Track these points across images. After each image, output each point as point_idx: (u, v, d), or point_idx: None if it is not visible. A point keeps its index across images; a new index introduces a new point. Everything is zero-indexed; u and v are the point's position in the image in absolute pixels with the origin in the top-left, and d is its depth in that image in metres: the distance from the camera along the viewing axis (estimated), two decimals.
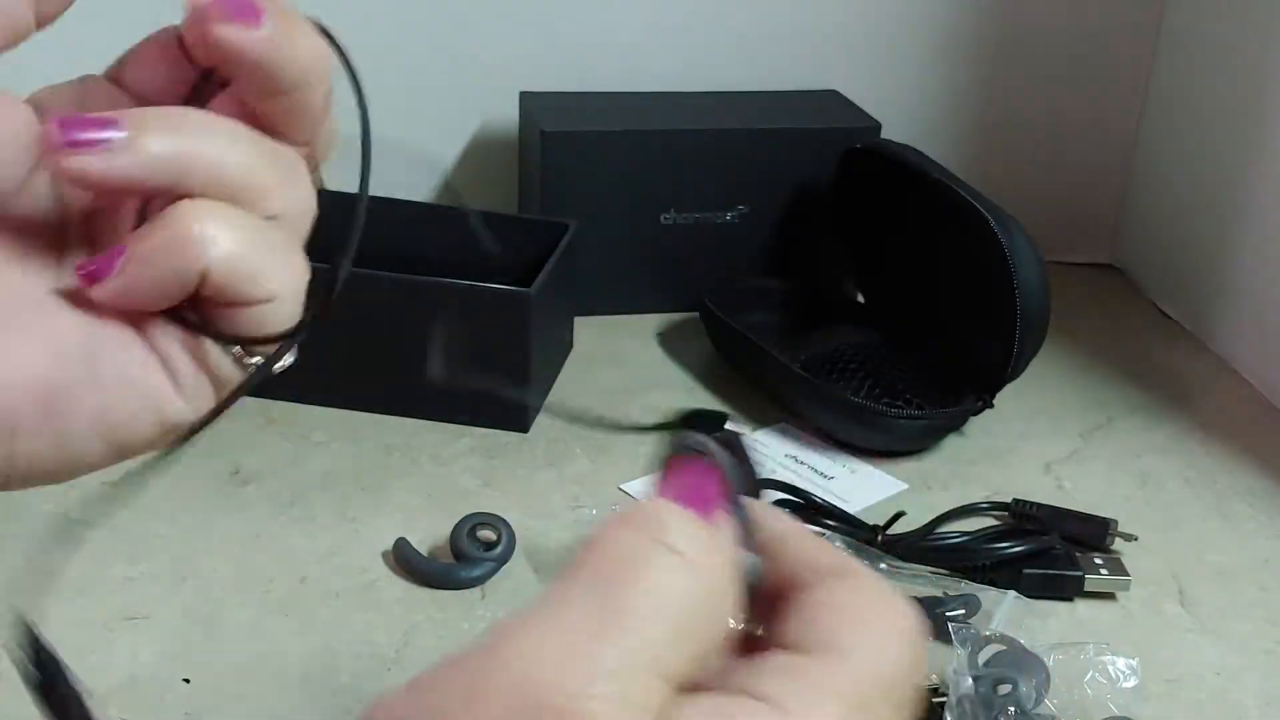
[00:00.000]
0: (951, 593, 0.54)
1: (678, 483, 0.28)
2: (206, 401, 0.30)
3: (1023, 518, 0.61)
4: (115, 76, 0.31)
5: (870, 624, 0.25)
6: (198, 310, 0.29)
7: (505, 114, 0.85)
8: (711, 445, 0.29)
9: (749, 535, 0.28)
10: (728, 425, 0.31)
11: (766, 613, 0.26)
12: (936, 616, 0.53)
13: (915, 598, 0.54)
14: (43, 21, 0.29)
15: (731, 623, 0.25)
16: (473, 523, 0.56)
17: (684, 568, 0.24)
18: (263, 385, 0.30)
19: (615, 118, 0.80)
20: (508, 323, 0.65)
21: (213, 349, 0.29)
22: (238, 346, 0.30)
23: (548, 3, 0.84)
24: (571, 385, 0.72)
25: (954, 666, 0.48)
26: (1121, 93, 0.91)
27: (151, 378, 0.29)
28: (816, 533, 0.56)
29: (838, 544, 0.55)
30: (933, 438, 0.68)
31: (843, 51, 0.88)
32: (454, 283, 0.64)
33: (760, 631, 0.26)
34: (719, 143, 0.79)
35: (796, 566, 0.27)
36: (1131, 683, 0.47)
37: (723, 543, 0.26)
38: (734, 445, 0.30)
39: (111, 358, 0.28)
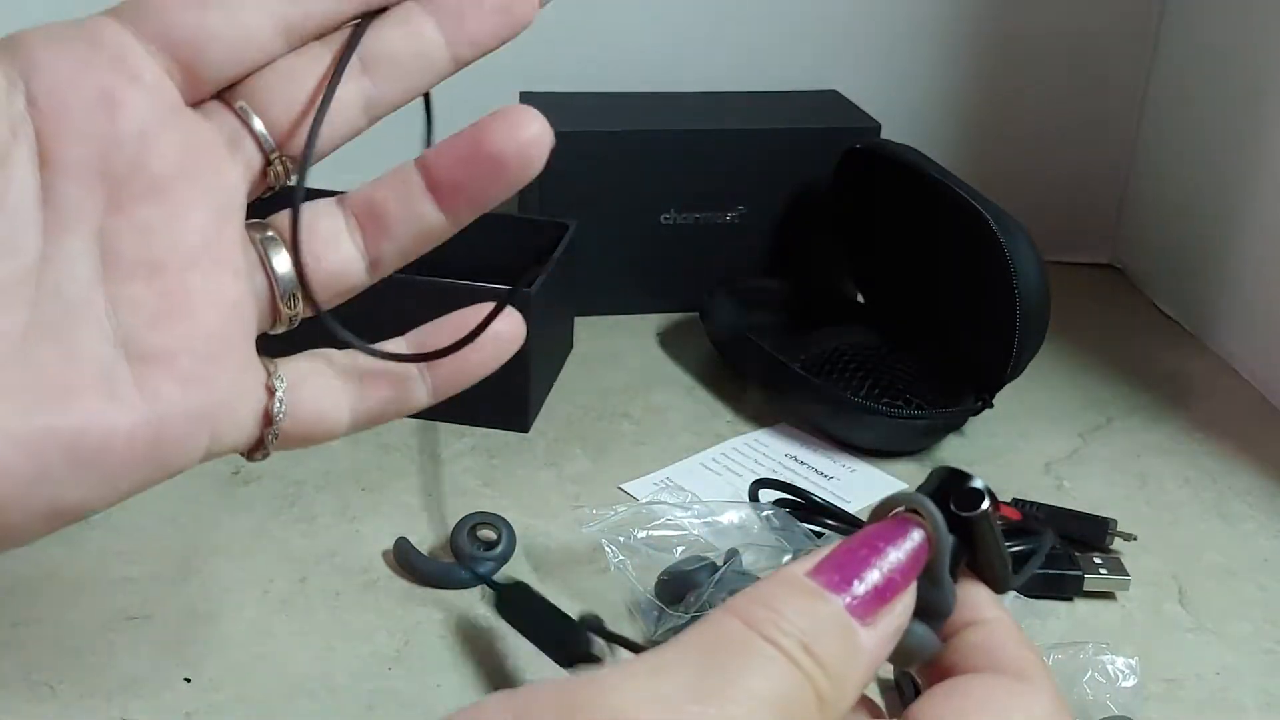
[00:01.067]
0: None
1: (858, 549, 0.26)
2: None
3: (1023, 517, 0.61)
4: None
5: None
6: None
7: None
8: (929, 507, 0.27)
9: (939, 615, 0.27)
10: (981, 496, 0.28)
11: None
12: None
13: None
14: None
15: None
16: (473, 522, 0.56)
17: (783, 663, 0.23)
18: None
19: (615, 118, 0.80)
20: None
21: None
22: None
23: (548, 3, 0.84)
24: (571, 385, 0.72)
25: None
26: (1121, 93, 0.91)
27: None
28: (815, 533, 0.56)
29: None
30: (933, 437, 0.68)
31: (843, 51, 0.88)
32: (454, 283, 0.64)
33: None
34: (719, 143, 0.79)
35: (976, 653, 0.27)
36: (1131, 682, 0.47)
37: (864, 635, 0.24)
38: (973, 518, 0.27)
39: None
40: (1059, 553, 0.57)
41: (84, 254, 0.28)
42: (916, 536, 0.26)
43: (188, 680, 0.48)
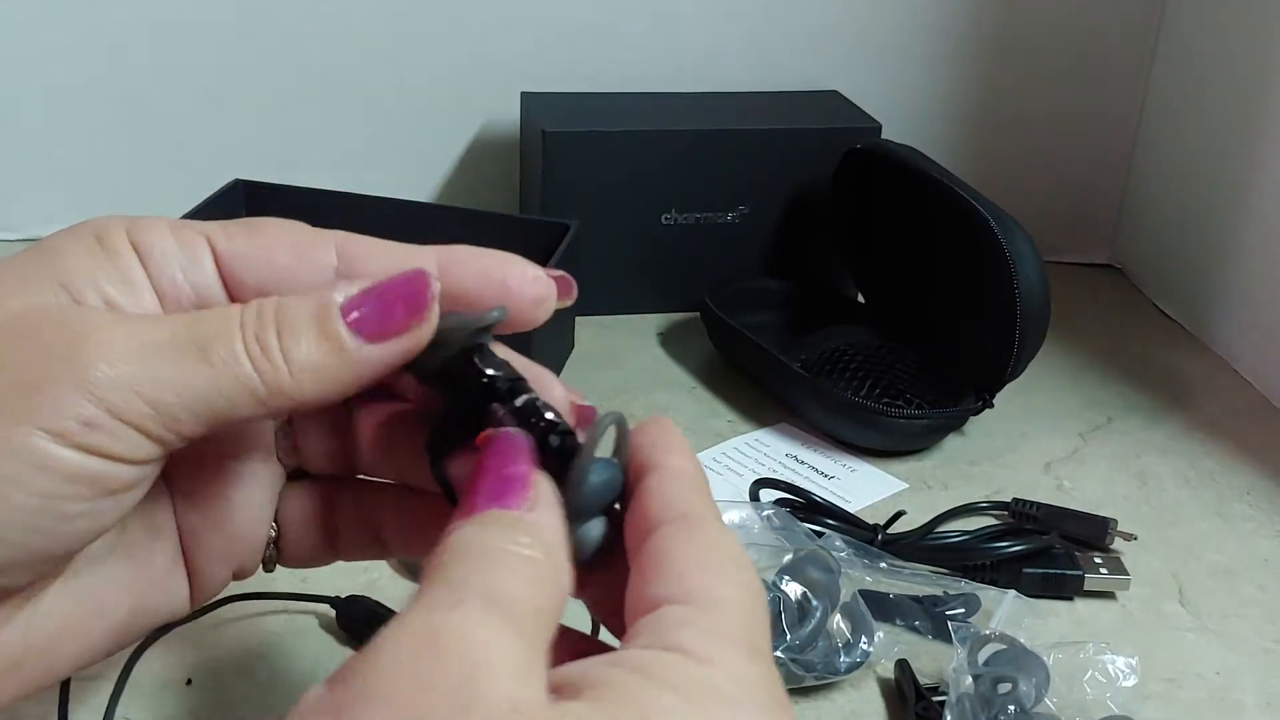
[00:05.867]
0: (951, 592, 0.54)
1: (488, 477, 0.29)
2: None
3: (1023, 517, 0.61)
4: None
5: (730, 576, 0.28)
6: None
7: (506, 114, 0.85)
8: (501, 412, 0.32)
9: (621, 452, 0.32)
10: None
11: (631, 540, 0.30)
12: (936, 616, 0.53)
13: (915, 597, 0.54)
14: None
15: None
16: None
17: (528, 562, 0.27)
18: None
19: (616, 118, 0.80)
20: None
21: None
22: None
23: (548, 3, 0.85)
24: (572, 385, 0.72)
25: (954, 665, 0.48)
26: (1121, 92, 0.91)
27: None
28: (816, 532, 0.56)
29: (838, 544, 0.55)
30: (933, 437, 0.68)
31: (843, 51, 0.88)
32: None
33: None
34: (719, 143, 0.79)
35: (653, 503, 0.30)
36: (1131, 682, 0.47)
37: (534, 520, 0.28)
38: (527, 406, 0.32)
39: None
40: (1060, 552, 0.57)
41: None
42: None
43: (189, 682, 0.48)
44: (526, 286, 0.34)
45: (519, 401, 0.32)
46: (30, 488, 0.28)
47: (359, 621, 0.50)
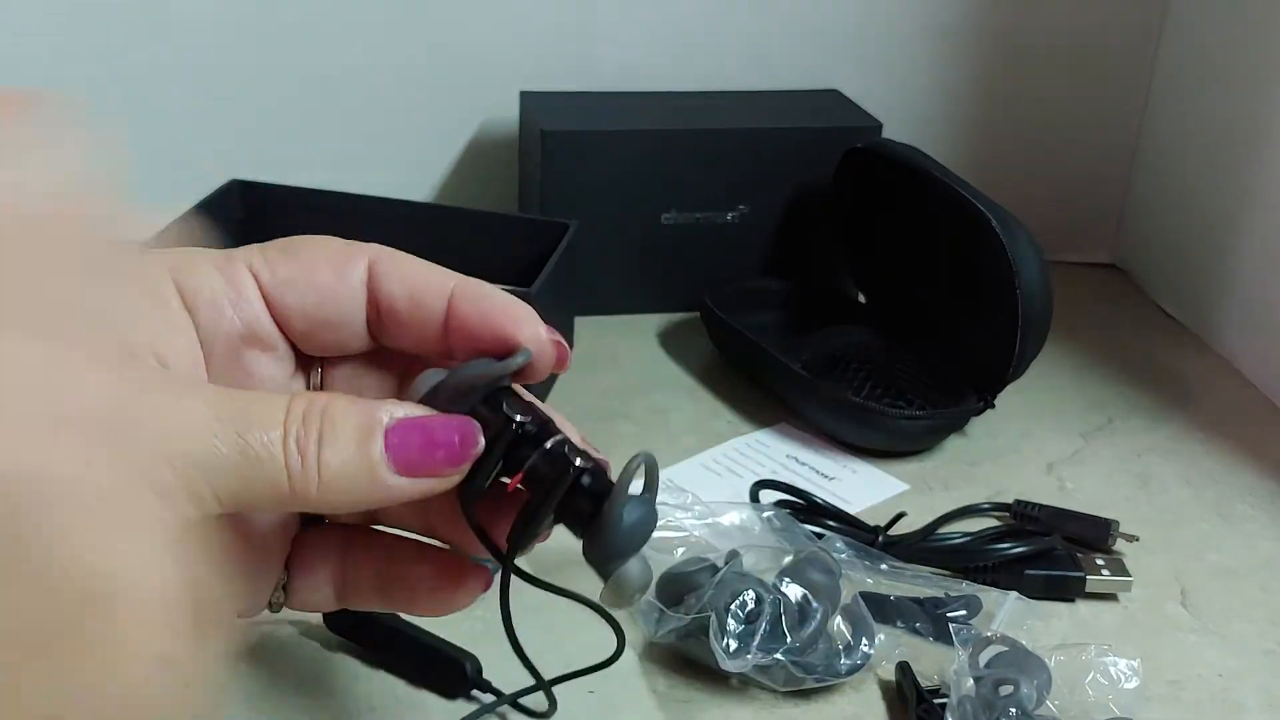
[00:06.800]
0: (953, 593, 0.54)
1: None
2: None
3: (1024, 518, 0.61)
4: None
5: None
6: None
7: (505, 114, 0.85)
8: (533, 455, 0.32)
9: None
10: None
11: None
12: (938, 617, 0.53)
13: (916, 599, 0.54)
14: None
15: None
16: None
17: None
18: None
19: (615, 118, 0.80)
20: None
21: None
22: None
23: (548, 3, 0.84)
24: (572, 385, 0.72)
25: (955, 667, 0.48)
26: (1123, 92, 0.90)
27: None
28: (816, 534, 0.56)
29: (839, 545, 0.55)
30: (934, 438, 0.68)
31: (843, 51, 0.88)
32: None
33: None
34: (719, 143, 0.79)
35: None
36: (1133, 684, 0.47)
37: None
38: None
39: None
40: (1061, 554, 0.57)
41: None
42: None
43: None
44: (533, 345, 0.34)
45: (549, 444, 0.32)
46: None
47: (348, 623, 0.50)
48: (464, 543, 0.35)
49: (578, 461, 0.32)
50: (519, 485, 0.33)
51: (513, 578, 0.35)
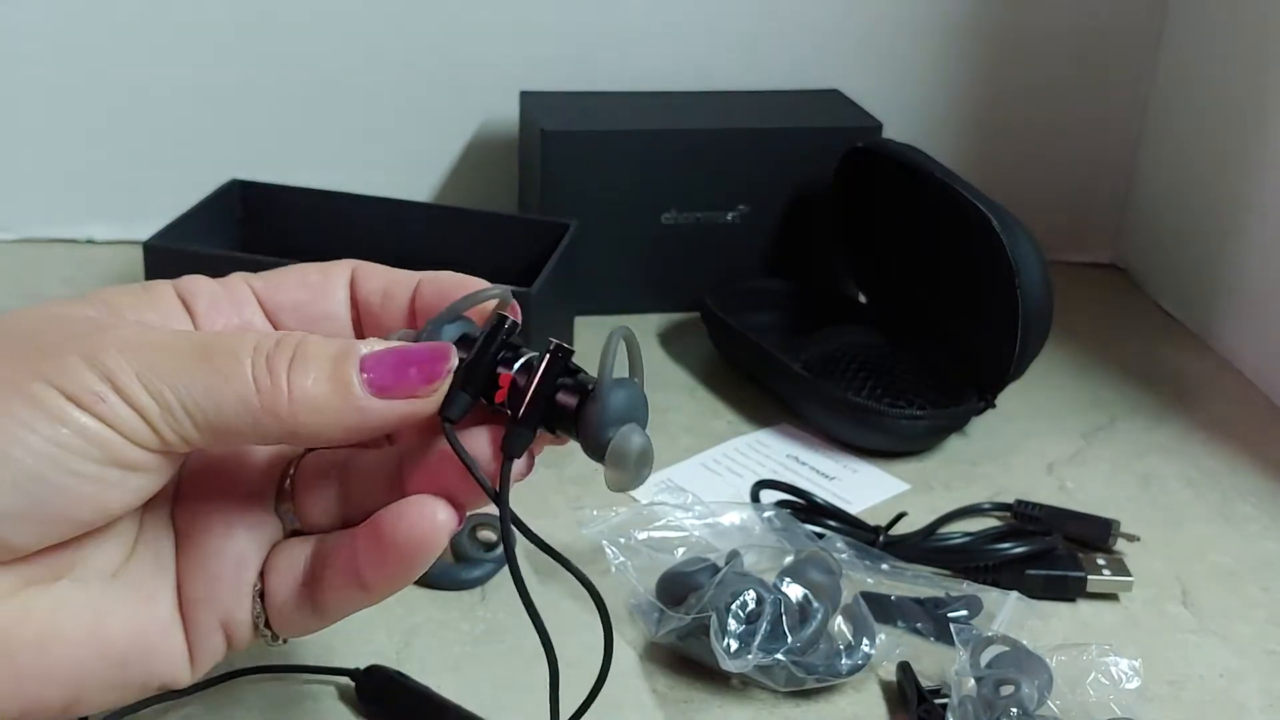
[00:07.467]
0: (954, 594, 0.54)
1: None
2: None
3: (1025, 518, 0.61)
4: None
5: None
6: None
7: (505, 114, 0.85)
8: (509, 370, 0.34)
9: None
10: None
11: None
12: (938, 617, 0.53)
13: (917, 599, 0.54)
14: None
15: None
16: (473, 523, 0.56)
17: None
18: None
19: (615, 118, 0.80)
20: None
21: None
22: None
23: (548, 3, 0.84)
24: None
25: (956, 667, 0.47)
26: (1124, 92, 0.90)
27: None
28: (817, 534, 0.56)
29: (839, 545, 0.55)
30: (935, 438, 0.68)
31: (843, 51, 0.88)
32: None
33: None
34: (719, 143, 0.79)
35: None
36: (1134, 684, 0.47)
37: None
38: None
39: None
40: (1062, 554, 0.57)
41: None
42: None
43: None
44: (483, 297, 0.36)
45: (525, 357, 0.34)
46: (42, 432, 0.29)
47: (378, 691, 0.48)
48: (448, 487, 0.35)
49: (557, 355, 0.33)
50: (502, 401, 0.33)
51: (501, 535, 0.36)
